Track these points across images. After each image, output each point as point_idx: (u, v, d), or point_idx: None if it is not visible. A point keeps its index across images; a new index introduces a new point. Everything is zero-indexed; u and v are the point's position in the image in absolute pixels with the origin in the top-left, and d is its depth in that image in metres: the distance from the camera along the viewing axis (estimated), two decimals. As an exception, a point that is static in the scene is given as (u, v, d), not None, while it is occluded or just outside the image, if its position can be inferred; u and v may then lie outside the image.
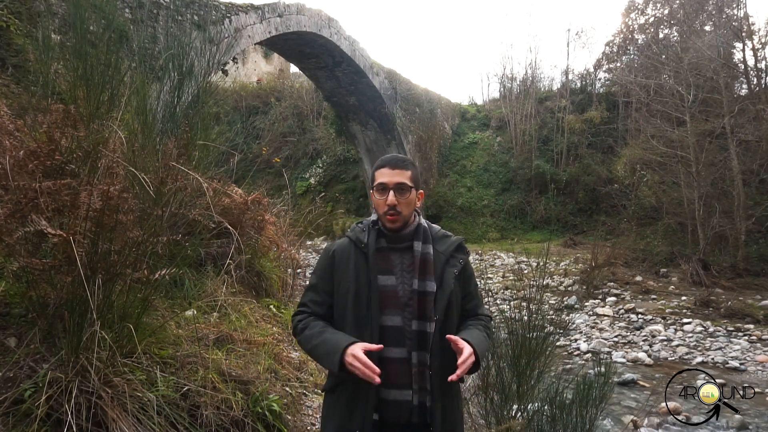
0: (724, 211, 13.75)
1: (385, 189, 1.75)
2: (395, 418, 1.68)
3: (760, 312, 10.13)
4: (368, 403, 1.65)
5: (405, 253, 1.78)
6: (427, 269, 1.75)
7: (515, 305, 4.09)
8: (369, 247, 1.75)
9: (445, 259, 1.80)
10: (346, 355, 1.58)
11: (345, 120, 20.68)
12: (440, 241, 1.84)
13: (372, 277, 1.71)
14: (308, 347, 1.72)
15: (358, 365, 1.56)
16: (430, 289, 1.73)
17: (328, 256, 1.81)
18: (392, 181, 1.75)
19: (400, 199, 1.73)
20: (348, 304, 1.72)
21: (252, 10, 12.59)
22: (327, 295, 1.79)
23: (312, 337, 1.71)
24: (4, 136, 2.14)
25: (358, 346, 1.60)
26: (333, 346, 1.63)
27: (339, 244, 1.84)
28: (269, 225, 4.12)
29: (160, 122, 3.32)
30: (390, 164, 1.77)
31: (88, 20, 3.12)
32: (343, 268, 1.76)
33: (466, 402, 3.76)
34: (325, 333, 1.69)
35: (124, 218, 1.99)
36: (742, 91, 16.72)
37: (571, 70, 27.48)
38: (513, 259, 16.34)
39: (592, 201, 20.89)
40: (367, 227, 1.82)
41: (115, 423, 1.80)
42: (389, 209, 1.73)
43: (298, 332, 1.78)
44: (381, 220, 1.79)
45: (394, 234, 1.78)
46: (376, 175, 1.78)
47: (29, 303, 1.97)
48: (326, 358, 1.64)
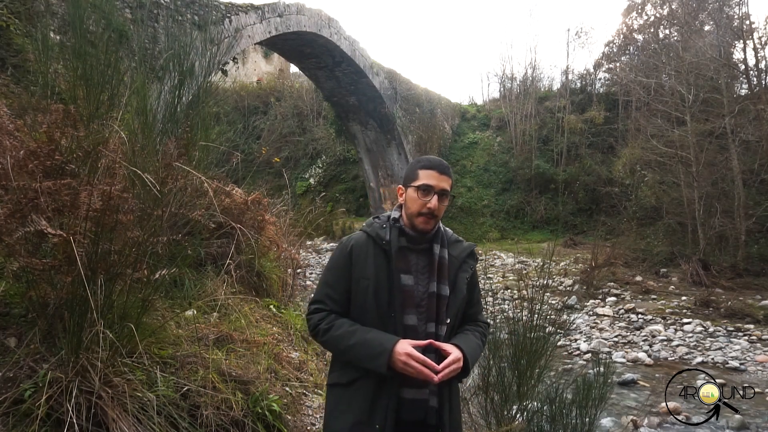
0: (724, 211, 13.74)
1: (429, 191, 1.72)
2: (411, 417, 1.67)
3: (760, 312, 10.13)
4: (391, 400, 1.64)
5: (421, 254, 1.77)
6: (443, 273, 1.76)
7: (516, 305, 4.09)
8: (392, 245, 1.73)
9: (459, 264, 1.81)
10: (397, 355, 1.56)
11: (345, 120, 20.68)
12: (454, 245, 1.84)
13: (394, 275, 1.70)
14: (341, 347, 1.68)
15: (414, 364, 1.54)
16: (445, 292, 1.74)
17: (346, 252, 1.76)
18: (439, 186, 1.73)
19: (440, 205, 1.73)
20: (369, 300, 1.70)
21: (252, 10, 12.59)
22: (345, 290, 1.74)
23: (344, 337, 1.66)
24: (4, 136, 2.14)
25: (406, 343, 1.58)
26: (377, 346, 1.60)
27: (356, 239, 1.78)
28: (269, 225, 4.12)
29: (161, 122, 3.32)
30: (438, 168, 1.74)
31: (87, 20, 3.12)
32: (362, 264, 1.72)
33: (466, 402, 3.76)
34: (360, 332, 1.65)
35: (124, 218, 1.99)
36: (742, 91, 16.71)
37: (571, 70, 27.54)
38: (513, 259, 16.34)
39: (592, 201, 20.90)
40: (388, 224, 1.78)
41: (115, 423, 1.79)
42: (428, 212, 1.72)
43: (321, 333, 1.72)
44: (412, 220, 1.75)
45: (418, 235, 1.76)
46: (421, 175, 1.73)
47: (29, 303, 1.97)
48: (369, 360, 1.60)
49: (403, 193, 1.80)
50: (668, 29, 21.36)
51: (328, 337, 1.70)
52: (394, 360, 1.57)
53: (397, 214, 1.81)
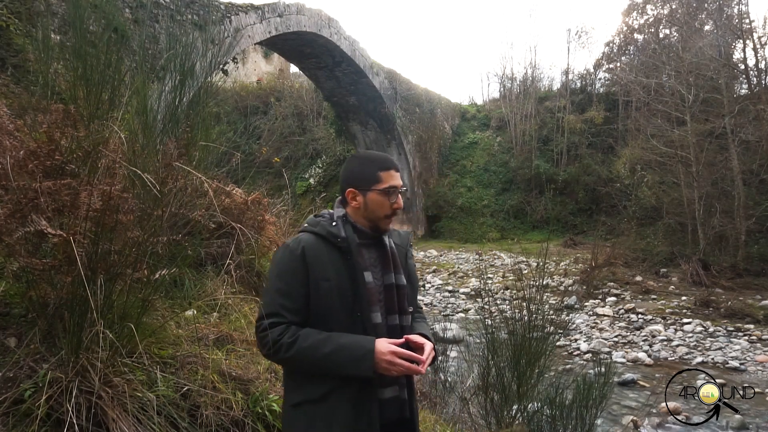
0: (724, 211, 13.74)
1: (395, 192, 1.70)
2: (390, 416, 1.65)
3: (760, 312, 10.13)
4: (374, 404, 1.59)
5: (371, 248, 1.73)
6: (397, 263, 1.74)
7: (515, 305, 4.09)
8: (350, 243, 1.66)
9: (404, 251, 1.81)
10: (381, 355, 1.51)
11: (345, 120, 20.68)
12: (394, 234, 1.82)
13: (358, 273, 1.64)
14: (314, 359, 1.54)
15: (401, 362, 1.51)
16: (402, 282, 1.72)
17: (297, 255, 1.61)
18: (400, 184, 1.72)
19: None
20: (333, 303, 1.60)
21: (252, 10, 12.60)
22: (302, 297, 1.60)
23: (316, 348, 1.54)
24: (4, 136, 2.14)
25: (386, 342, 1.55)
26: (358, 349, 1.53)
27: (305, 240, 1.65)
28: (269, 225, 4.12)
29: (161, 122, 3.32)
30: (394, 166, 1.73)
31: (87, 20, 3.12)
32: (320, 266, 1.61)
33: (466, 402, 3.77)
34: (333, 338, 1.55)
35: (125, 218, 1.99)
36: (742, 90, 16.72)
37: (571, 69, 27.51)
38: (513, 259, 16.34)
39: (592, 201, 20.91)
40: (338, 221, 1.70)
41: (116, 423, 1.80)
42: (394, 212, 1.70)
43: (285, 348, 1.55)
44: (377, 222, 1.71)
45: (372, 232, 1.73)
46: (385, 177, 1.69)
47: (29, 303, 1.97)
48: (354, 365, 1.52)
49: (357, 197, 1.70)
50: (668, 29, 21.38)
51: (295, 351, 1.54)
52: (377, 361, 1.52)
53: (341, 212, 1.73)
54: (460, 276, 14.96)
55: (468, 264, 16.44)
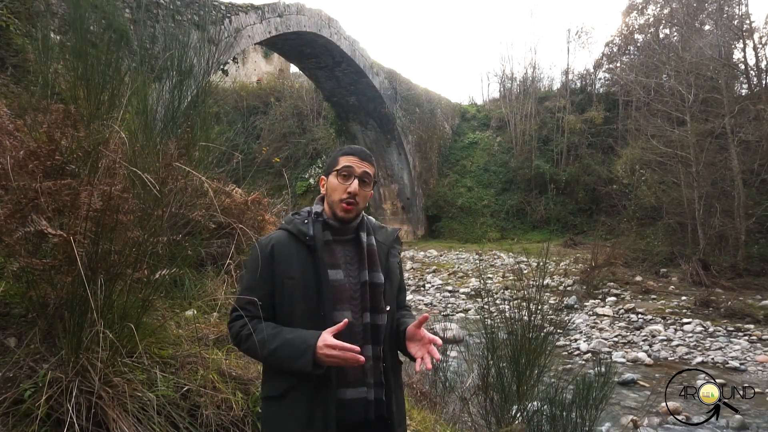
0: (724, 211, 13.75)
1: (350, 175, 1.68)
2: (352, 418, 1.61)
3: (760, 312, 10.13)
4: (330, 404, 1.56)
5: (347, 245, 1.72)
6: (374, 260, 1.72)
7: (515, 305, 4.09)
8: (316, 240, 1.65)
9: (387, 249, 1.78)
10: (319, 349, 1.48)
11: (345, 120, 20.68)
12: (379, 231, 1.81)
13: (322, 271, 1.62)
14: (264, 353, 1.56)
15: (335, 353, 1.47)
16: (379, 280, 1.70)
17: (266, 252, 1.64)
18: (359, 170, 1.69)
19: (360, 190, 1.69)
20: (296, 300, 1.61)
21: (252, 10, 12.60)
22: (267, 295, 1.63)
23: (266, 341, 1.55)
24: (4, 136, 2.14)
25: (325, 333, 1.51)
26: (300, 344, 1.51)
27: (277, 237, 1.68)
28: (269, 225, 4.12)
29: (161, 122, 3.32)
30: (359, 155, 1.72)
31: (88, 20, 3.12)
32: (286, 263, 1.63)
33: (466, 402, 3.77)
34: (283, 333, 1.56)
35: (125, 218, 1.99)
36: (742, 91, 16.72)
37: (571, 70, 27.50)
38: (513, 259, 16.34)
39: (592, 201, 20.91)
40: (309, 219, 1.71)
41: (116, 423, 1.80)
42: (349, 197, 1.67)
43: (243, 340, 1.60)
44: (333, 207, 1.69)
45: (341, 225, 1.71)
46: (341, 160, 1.70)
47: (29, 303, 1.97)
48: (294, 360, 1.51)
49: (324, 183, 1.74)
50: (668, 29, 21.38)
51: (250, 343, 1.58)
52: (318, 356, 1.49)
53: (319, 208, 1.74)
54: (460, 276, 14.97)
55: (468, 264, 16.44)
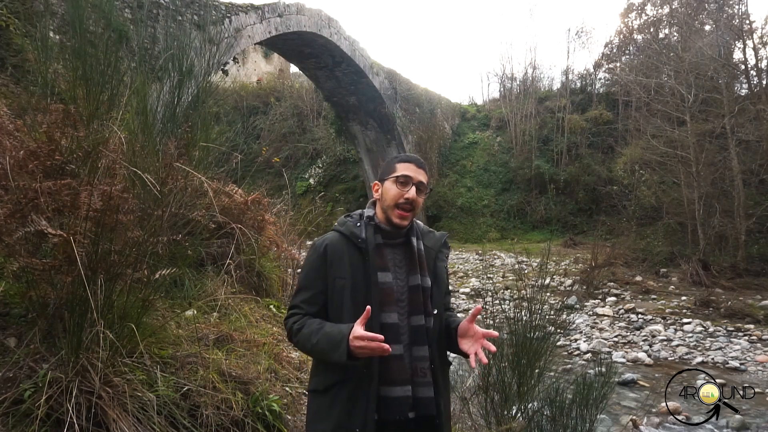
0: (724, 211, 13.74)
1: (408, 182, 1.73)
2: (395, 416, 1.65)
3: (760, 312, 10.12)
4: (369, 402, 1.61)
5: (397, 248, 1.77)
6: (423, 265, 1.77)
7: (516, 305, 4.09)
8: (368, 243, 1.72)
9: (435, 254, 1.83)
10: (351, 341, 1.52)
11: (345, 120, 20.68)
12: (427, 236, 1.86)
13: (371, 273, 1.69)
14: (309, 346, 1.65)
15: (363, 344, 1.51)
16: (426, 284, 1.75)
17: (320, 253, 1.73)
18: (417, 178, 1.75)
19: (417, 197, 1.74)
20: (345, 300, 1.68)
21: (252, 10, 12.60)
22: (320, 293, 1.72)
23: (311, 334, 1.64)
24: (4, 136, 2.14)
25: (355, 325, 1.55)
26: (336, 336, 1.57)
27: (330, 239, 1.76)
28: (269, 225, 4.12)
29: (161, 122, 3.32)
30: (416, 162, 1.79)
31: (87, 20, 3.11)
32: (338, 264, 1.70)
33: (466, 402, 3.77)
34: (325, 328, 1.64)
35: (125, 218, 1.99)
36: (742, 91, 16.72)
37: (571, 69, 27.47)
38: (513, 259, 16.34)
39: (592, 201, 20.91)
40: (362, 222, 1.77)
41: (116, 423, 1.79)
42: (406, 202, 1.72)
43: (294, 334, 1.71)
44: (388, 213, 1.75)
45: (393, 230, 1.76)
46: (399, 167, 1.76)
47: (29, 303, 1.97)
48: (332, 351, 1.57)
49: (378, 188, 1.80)
50: (668, 29, 21.38)
51: (300, 337, 1.68)
52: (351, 347, 1.53)
53: (371, 212, 1.80)
54: (460, 276, 14.96)
55: (468, 264, 16.44)
